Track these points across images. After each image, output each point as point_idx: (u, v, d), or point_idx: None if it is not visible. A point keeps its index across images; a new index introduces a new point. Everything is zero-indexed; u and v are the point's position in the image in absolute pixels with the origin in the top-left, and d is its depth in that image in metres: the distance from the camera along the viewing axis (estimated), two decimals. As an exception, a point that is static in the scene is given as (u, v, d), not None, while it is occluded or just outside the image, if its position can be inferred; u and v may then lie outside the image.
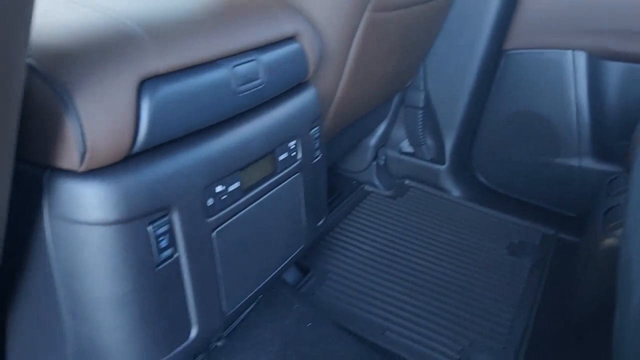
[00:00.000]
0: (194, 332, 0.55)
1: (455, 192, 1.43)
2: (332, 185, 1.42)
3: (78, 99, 0.41)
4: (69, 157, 0.43)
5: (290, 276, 1.02)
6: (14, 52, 0.31)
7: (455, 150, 1.42)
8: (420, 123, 1.43)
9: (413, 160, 1.48)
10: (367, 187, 1.43)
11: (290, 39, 0.66)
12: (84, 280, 0.47)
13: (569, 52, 1.25)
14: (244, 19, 0.59)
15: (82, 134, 0.42)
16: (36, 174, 0.45)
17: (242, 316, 0.82)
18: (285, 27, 0.65)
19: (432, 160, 1.46)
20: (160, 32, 0.48)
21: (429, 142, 1.45)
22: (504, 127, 1.38)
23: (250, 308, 0.84)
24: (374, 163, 1.45)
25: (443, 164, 1.44)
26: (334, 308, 0.97)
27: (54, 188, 0.45)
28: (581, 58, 1.24)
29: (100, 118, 0.42)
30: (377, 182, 1.43)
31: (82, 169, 0.44)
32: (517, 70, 1.35)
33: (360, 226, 1.25)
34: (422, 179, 1.47)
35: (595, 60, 1.24)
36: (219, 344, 0.75)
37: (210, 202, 0.54)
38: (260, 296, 0.78)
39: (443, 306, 1.01)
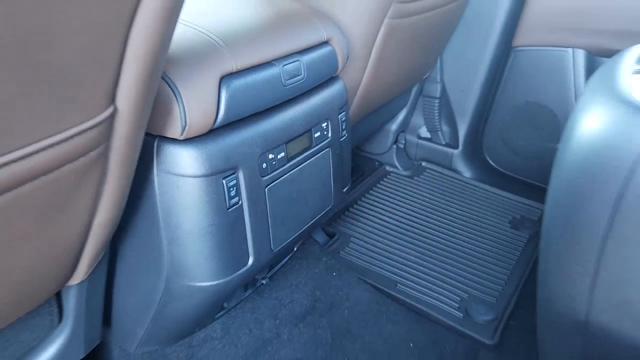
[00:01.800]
0: (250, 261, 0.76)
1: (467, 173, 1.60)
2: (357, 165, 1.61)
3: (182, 90, 0.61)
4: (174, 129, 0.63)
5: (320, 238, 1.22)
6: (162, 60, 0.51)
7: (467, 136, 1.60)
8: (437, 111, 1.60)
9: (429, 144, 1.66)
10: (388, 168, 1.62)
11: (324, 43, 0.85)
12: (178, 216, 0.67)
13: (570, 49, 1.41)
14: (290, 29, 0.78)
15: (184, 114, 0.62)
16: (150, 140, 0.65)
17: (281, 264, 1.02)
18: (321, 33, 0.84)
19: (446, 145, 1.63)
20: (232, 42, 0.68)
21: (444, 128, 1.63)
22: (512, 116, 1.54)
23: (288, 258, 1.04)
24: (395, 146, 1.63)
25: (457, 148, 1.62)
26: (355, 264, 1.17)
27: (161, 151, 0.65)
28: (580, 55, 1.40)
29: (195, 103, 0.62)
30: (396, 163, 1.62)
31: (182, 137, 0.64)
32: (524, 66, 1.51)
33: (381, 200, 1.44)
34: (437, 161, 1.64)
35: (593, 58, 1.40)
36: (264, 282, 0.95)
37: (264, 165, 0.74)
38: (299, 242, 0.98)
39: (448, 267, 1.19)
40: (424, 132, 1.67)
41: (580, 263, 0.51)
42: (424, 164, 1.65)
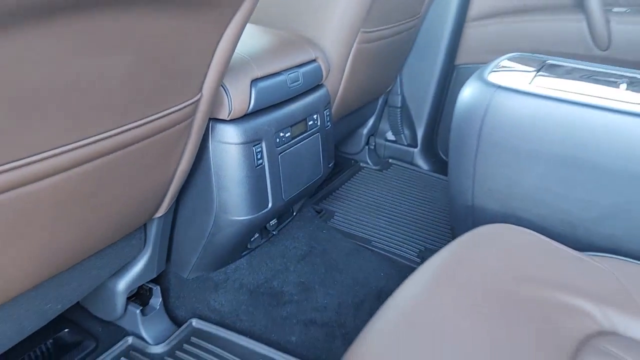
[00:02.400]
0: (269, 205, 1.12)
1: (425, 167, 2.00)
2: (337, 162, 1.99)
3: (230, 88, 0.99)
4: (223, 113, 1.00)
5: (309, 212, 1.59)
6: (229, 62, 0.88)
7: (424, 137, 1.99)
8: (399, 118, 2.00)
9: (394, 145, 2.05)
10: (362, 164, 2.00)
11: (313, 60, 1.24)
12: (225, 170, 1.04)
13: (497, 66, 1.83)
14: (291, 51, 1.17)
15: (231, 103, 0.99)
16: (207, 121, 1.02)
17: (286, 222, 1.38)
18: (310, 54, 1.23)
19: (408, 145, 2.03)
20: (257, 59, 1.06)
21: (406, 132, 2.02)
22: (458, 119, 1.95)
23: (290, 219, 1.40)
24: (366, 147, 2.02)
25: (416, 147, 2.01)
26: (338, 229, 1.54)
27: (214, 127, 1.02)
28: (505, 70, 1.82)
29: (237, 96, 1.00)
30: (368, 160, 2.01)
31: (228, 118, 1.01)
32: (465, 79, 1.92)
33: (357, 187, 1.82)
34: (401, 158, 2.04)
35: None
36: (275, 233, 1.31)
37: (277, 140, 1.11)
38: (299, 202, 1.35)
39: (410, 230, 1.57)
40: (390, 135, 2.06)
41: (466, 168, 0.89)
42: (390, 160, 2.04)
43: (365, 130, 1.99)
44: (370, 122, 1.98)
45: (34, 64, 0.54)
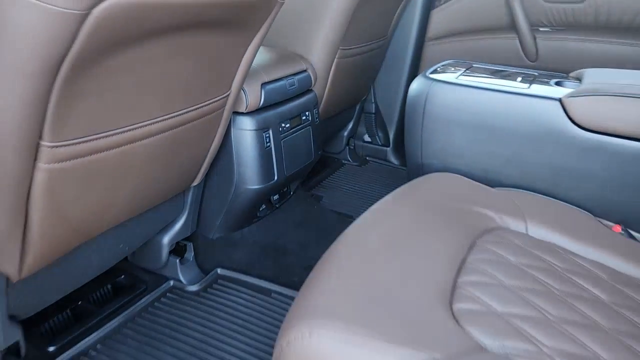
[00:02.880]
0: (275, 178, 1.48)
1: (396, 162, 2.38)
2: (323, 160, 2.36)
3: (247, 90, 1.36)
4: (242, 107, 1.37)
5: (303, 194, 1.95)
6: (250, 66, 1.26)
7: (395, 138, 2.38)
8: (373, 122, 2.39)
9: (371, 145, 2.43)
10: (344, 161, 2.38)
11: (304, 70, 1.62)
12: (243, 150, 1.40)
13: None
14: (288, 63, 1.55)
15: (247, 99, 1.36)
16: (231, 112, 1.39)
17: (285, 199, 1.74)
18: (302, 66, 1.61)
19: (382, 145, 2.41)
20: (264, 68, 1.44)
21: (380, 134, 2.41)
22: (422, 122, 2.35)
23: (288, 197, 1.76)
24: (347, 147, 2.40)
25: (389, 146, 2.39)
26: (327, 207, 1.90)
27: (235, 118, 1.38)
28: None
29: (251, 94, 1.37)
30: (349, 158, 2.38)
31: (245, 111, 1.38)
32: (427, 88, 2.33)
33: (340, 180, 2.20)
34: (376, 155, 2.42)
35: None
36: (277, 206, 1.67)
37: (280, 129, 1.48)
38: (295, 181, 1.71)
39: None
40: (366, 137, 2.45)
41: (416, 136, 1.27)
42: (367, 158, 2.43)
43: (345, 133, 2.37)
44: (350, 126, 2.36)
45: (150, 64, 0.91)
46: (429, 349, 0.64)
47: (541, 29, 2.04)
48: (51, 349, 1.19)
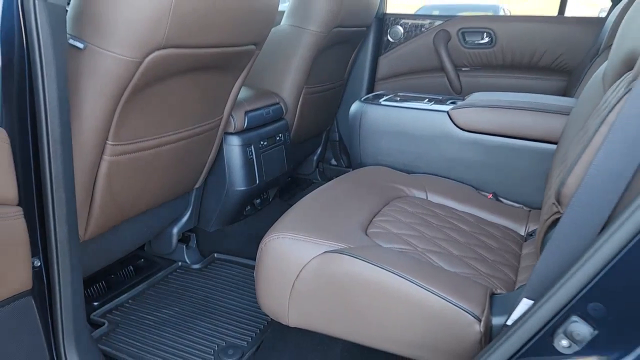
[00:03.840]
0: (257, 182, 1.97)
1: (358, 180, 2.88)
2: (296, 180, 2.85)
3: (234, 116, 1.86)
4: (231, 129, 1.87)
5: (279, 201, 2.43)
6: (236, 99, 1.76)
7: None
8: (338, 148, 2.90)
9: (336, 167, 2.93)
10: (314, 181, 2.87)
11: (277, 103, 2.14)
12: (233, 161, 1.89)
13: (398, 108, 2.78)
14: (265, 97, 2.06)
15: (235, 122, 1.86)
16: (223, 132, 1.88)
17: (266, 204, 2.21)
18: (275, 100, 2.13)
19: (346, 167, 2.91)
20: (247, 100, 1.95)
21: (344, 157, 2.92)
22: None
23: (268, 202, 2.24)
24: (317, 169, 2.89)
25: (351, 168, 2.90)
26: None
27: (226, 137, 1.88)
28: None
29: (238, 119, 1.87)
30: (318, 178, 2.87)
31: (233, 132, 1.87)
32: (379, 119, 2.87)
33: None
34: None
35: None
36: (259, 208, 2.14)
37: (259, 145, 1.98)
38: (274, 188, 2.20)
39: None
40: (333, 161, 2.96)
41: (354, 143, 1.76)
42: (334, 177, 2.92)
43: (315, 157, 2.88)
44: (318, 151, 2.87)
45: (173, 93, 1.41)
46: (345, 243, 1.12)
47: (463, 69, 2.60)
48: (95, 304, 1.63)
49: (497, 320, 1.00)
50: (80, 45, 1.15)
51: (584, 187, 0.81)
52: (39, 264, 1.12)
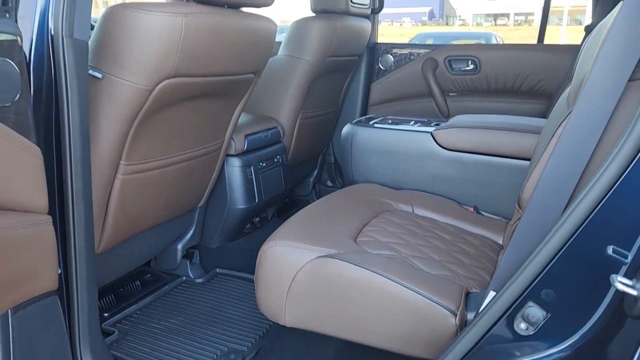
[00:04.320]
0: (257, 200, 2.09)
1: (353, 200, 3.01)
2: (292, 201, 2.98)
3: (235, 139, 2.01)
4: (232, 151, 2.01)
5: (277, 220, 2.55)
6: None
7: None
8: (333, 170, 3.04)
9: (332, 188, 3.06)
10: (310, 201, 3.00)
11: (275, 127, 2.28)
12: (234, 180, 2.02)
13: (390, 131, 2.93)
14: (264, 122, 2.21)
15: (235, 145, 2.01)
16: (225, 154, 2.02)
17: (264, 223, 2.33)
18: (273, 124, 2.27)
19: (341, 188, 3.05)
20: (246, 124, 2.09)
21: (339, 179, 3.05)
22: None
23: (267, 221, 2.36)
24: (313, 190, 3.03)
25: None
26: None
27: (227, 158, 2.02)
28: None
29: (238, 142, 2.01)
30: (315, 199, 3.01)
31: (234, 154, 2.01)
32: (373, 142, 3.01)
33: (308, 213, 2.81)
34: (337, 196, 3.05)
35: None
36: (259, 226, 2.26)
37: (259, 167, 2.12)
38: (272, 207, 2.33)
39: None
40: (329, 182, 3.10)
41: (347, 161, 1.90)
42: (330, 198, 3.06)
43: (311, 179, 3.02)
44: (315, 173, 3.01)
45: (179, 118, 1.55)
46: (336, 249, 1.25)
47: (450, 94, 2.75)
48: (105, 314, 1.75)
49: (471, 315, 1.12)
50: (99, 75, 1.30)
51: (537, 191, 0.95)
52: (60, 271, 1.24)
